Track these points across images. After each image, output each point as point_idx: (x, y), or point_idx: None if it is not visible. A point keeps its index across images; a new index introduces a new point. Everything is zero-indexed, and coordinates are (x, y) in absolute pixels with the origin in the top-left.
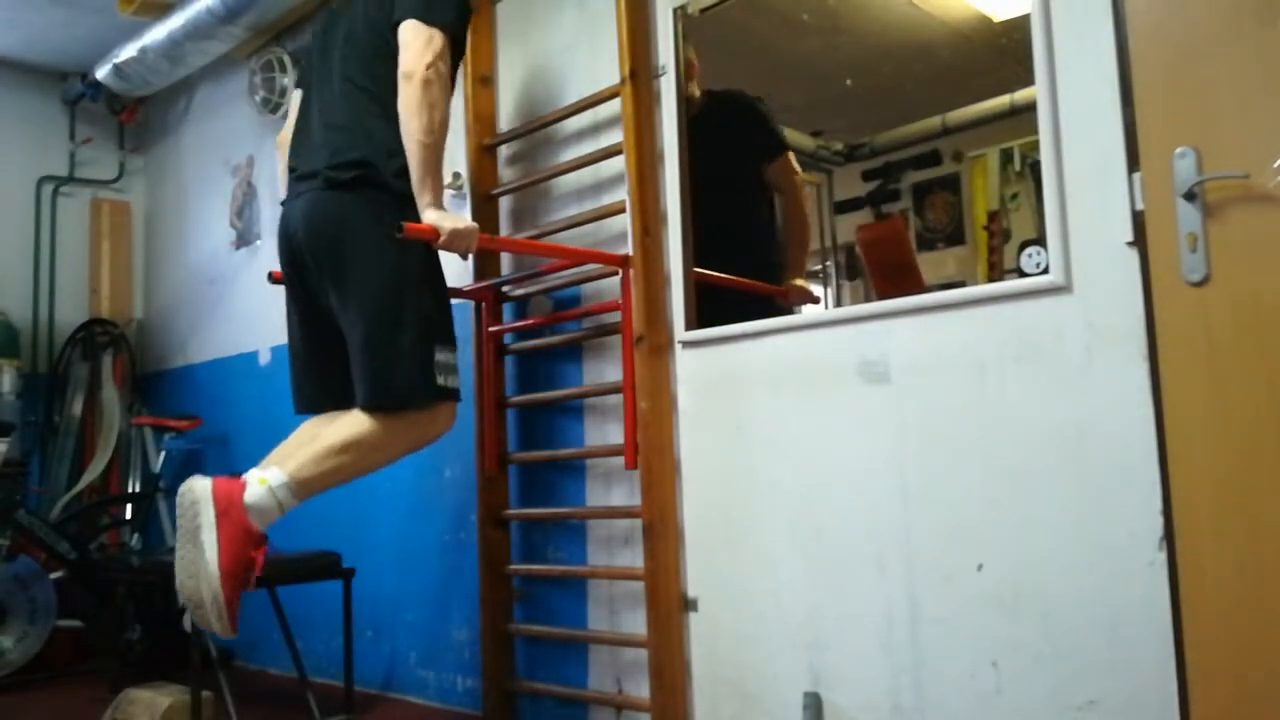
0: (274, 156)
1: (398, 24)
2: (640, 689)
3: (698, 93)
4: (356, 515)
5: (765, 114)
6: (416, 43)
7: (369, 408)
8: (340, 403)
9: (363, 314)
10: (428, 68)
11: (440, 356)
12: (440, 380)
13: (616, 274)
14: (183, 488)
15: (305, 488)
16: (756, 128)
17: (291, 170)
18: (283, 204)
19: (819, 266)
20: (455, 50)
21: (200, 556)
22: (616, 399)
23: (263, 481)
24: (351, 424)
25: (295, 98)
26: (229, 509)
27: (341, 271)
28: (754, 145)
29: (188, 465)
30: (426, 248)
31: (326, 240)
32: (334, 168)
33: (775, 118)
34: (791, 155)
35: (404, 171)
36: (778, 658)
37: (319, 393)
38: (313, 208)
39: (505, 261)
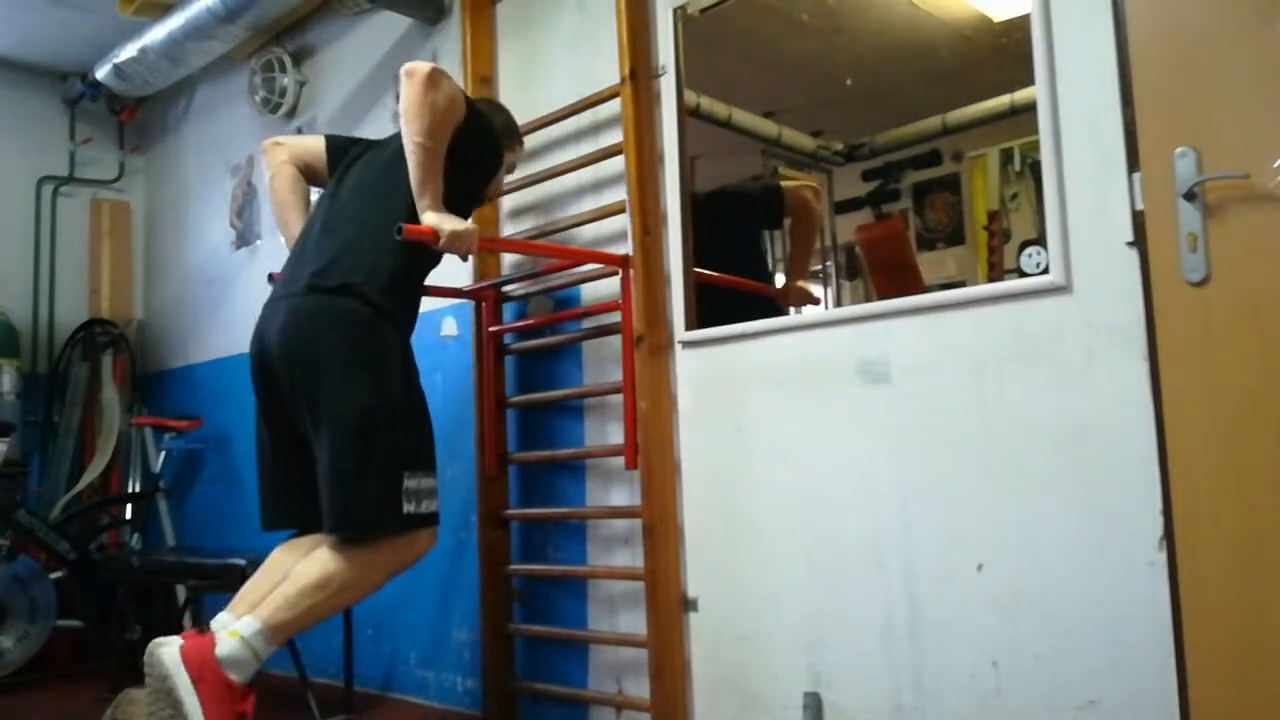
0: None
1: None
2: (640, 689)
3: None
4: None
5: (749, 193)
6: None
7: (335, 537)
8: (310, 521)
9: (331, 438)
10: (432, 68)
11: (410, 483)
12: (408, 508)
13: (616, 274)
14: (148, 657)
15: (281, 632)
16: (753, 208)
17: (285, 268)
18: (263, 308)
19: (819, 266)
20: (473, 145)
21: None
22: (616, 399)
23: (234, 634)
24: (324, 560)
25: (315, 139)
26: (203, 671)
27: (313, 389)
28: (756, 220)
29: (188, 465)
30: (404, 366)
31: (300, 357)
32: (318, 274)
33: (764, 183)
34: (790, 185)
35: (383, 283)
36: (778, 658)
37: (287, 509)
38: (289, 320)
39: (505, 261)
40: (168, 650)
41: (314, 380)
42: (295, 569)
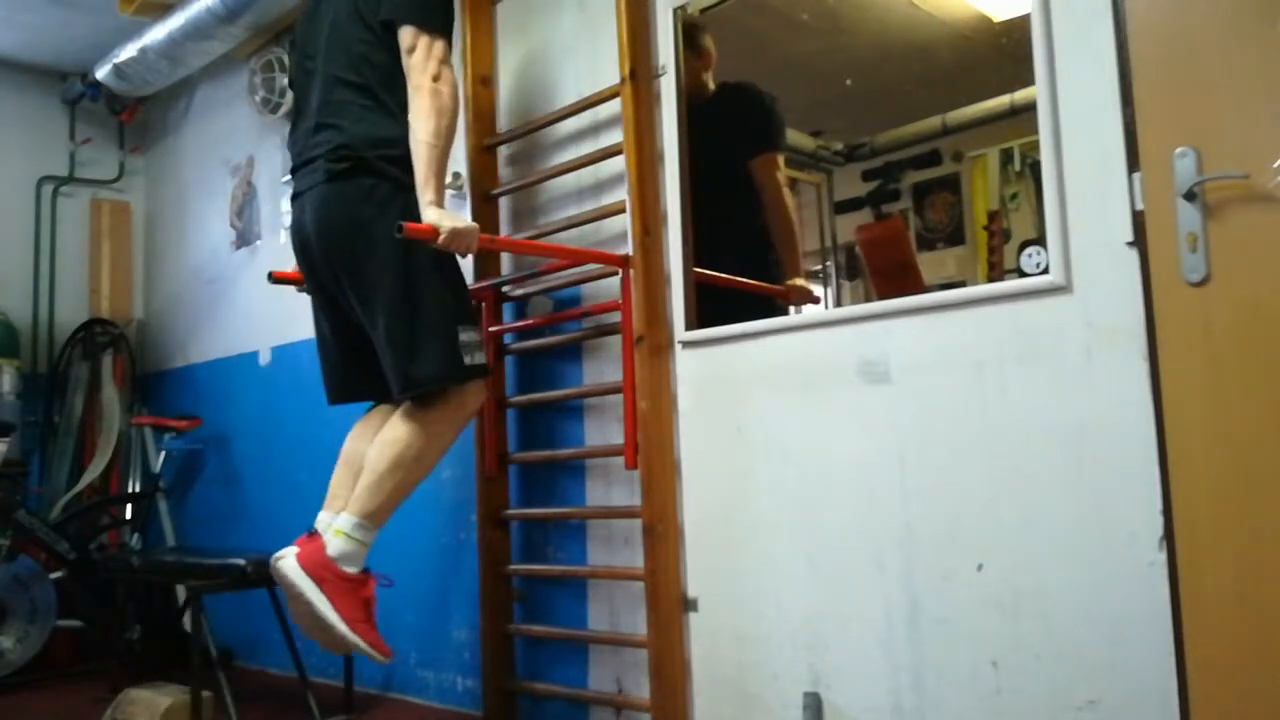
0: (274, 156)
1: (388, 23)
2: (640, 689)
3: (712, 85)
4: None
5: (765, 109)
6: (418, 55)
7: (405, 397)
8: (372, 391)
9: (382, 308)
10: (435, 79)
11: (464, 336)
12: (468, 359)
13: (616, 274)
14: (274, 569)
15: (378, 516)
16: (752, 121)
17: (292, 169)
18: (291, 200)
19: (819, 266)
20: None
21: (324, 621)
22: (616, 399)
23: (338, 532)
24: (391, 440)
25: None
26: (323, 573)
27: (355, 271)
28: (746, 139)
29: (188, 465)
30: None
31: (337, 242)
32: (332, 159)
33: (779, 116)
34: (779, 156)
35: (396, 160)
36: (778, 658)
37: (351, 382)
38: (320, 208)
39: (505, 261)
40: (286, 563)
41: (353, 261)
42: (369, 456)
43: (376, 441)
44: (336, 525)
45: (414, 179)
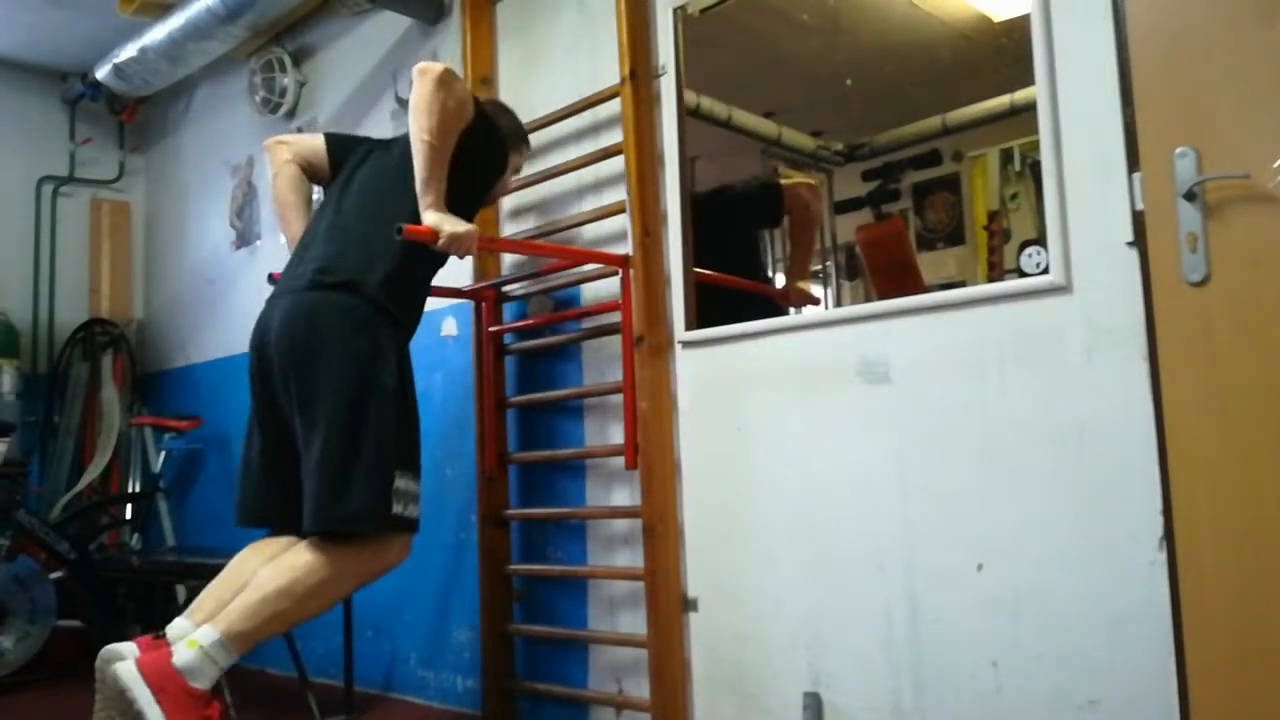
0: None
1: None
2: (640, 689)
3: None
4: None
5: (748, 193)
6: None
7: (314, 533)
8: (286, 522)
9: (321, 430)
10: (445, 69)
11: (400, 484)
12: (397, 509)
13: (616, 274)
14: (99, 671)
15: (241, 642)
16: (752, 208)
17: (288, 265)
18: (266, 301)
19: (819, 266)
20: (480, 148)
21: None
22: (616, 399)
23: (192, 644)
24: (292, 565)
25: (315, 138)
26: (164, 683)
27: (307, 383)
28: (753, 225)
29: (188, 465)
30: (400, 366)
31: (299, 346)
32: (322, 271)
33: (762, 181)
34: (788, 184)
35: (385, 282)
36: (778, 658)
37: (266, 507)
38: (292, 310)
39: (505, 261)
40: (124, 666)
41: (310, 373)
42: (259, 574)
43: (275, 562)
44: (194, 636)
45: (402, 310)
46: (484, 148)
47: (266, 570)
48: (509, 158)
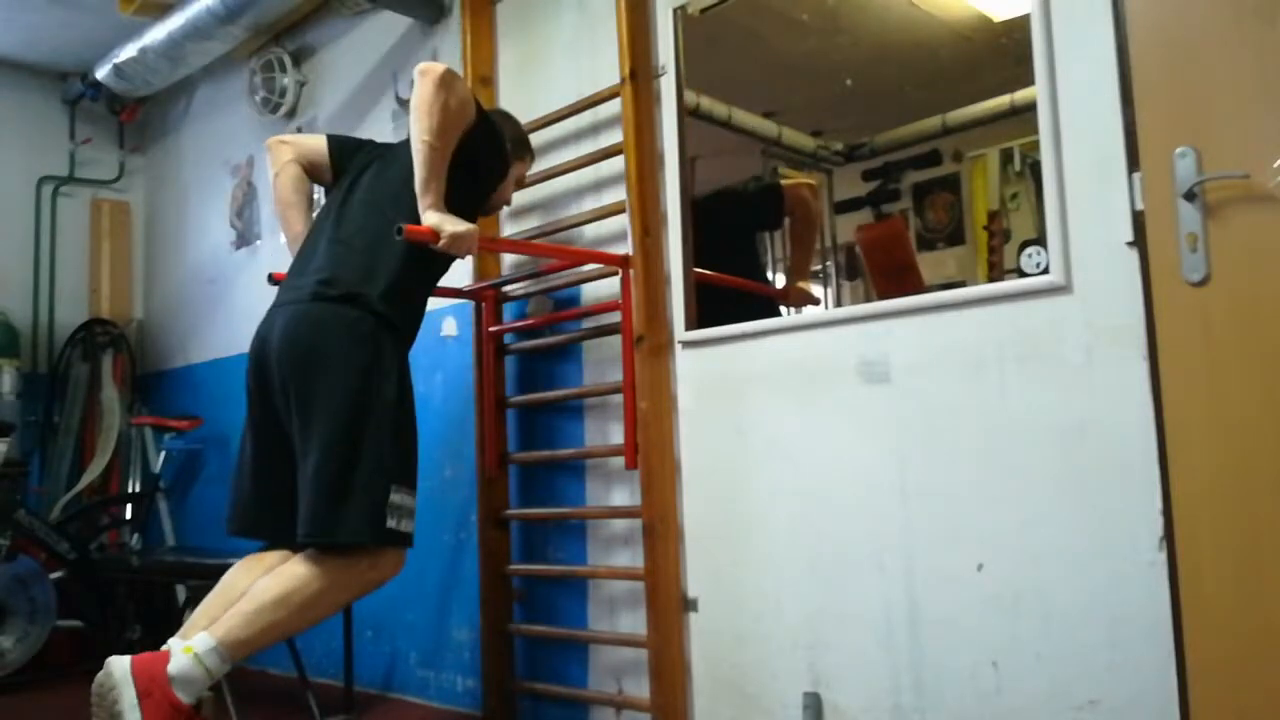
0: None
1: None
2: (640, 689)
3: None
4: None
5: (749, 194)
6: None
7: (308, 545)
8: (278, 533)
9: (319, 442)
10: (446, 70)
11: (395, 498)
12: (391, 523)
13: (616, 274)
14: (100, 674)
15: (237, 651)
16: (752, 209)
17: (289, 273)
18: (268, 310)
19: (819, 266)
20: (483, 154)
21: None
22: (616, 399)
23: (188, 650)
24: (287, 576)
25: (318, 138)
26: (151, 687)
27: (307, 394)
28: (753, 226)
29: (188, 465)
30: (400, 378)
31: (299, 355)
32: (325, 282)
33: (763, 183)
34: (789, 184)
35: (387, 292)
36: (778, 658)
37: (257, 517)
38: (293, 318)
39: (505, 261)
40: (118, 662)
41: (309, 385)
42: (256, 585)
43: (274, 573)
44: (190, 643)
45: (404, 319)
46: (485, 150)
47: (263, 581)
48: (511, 165)
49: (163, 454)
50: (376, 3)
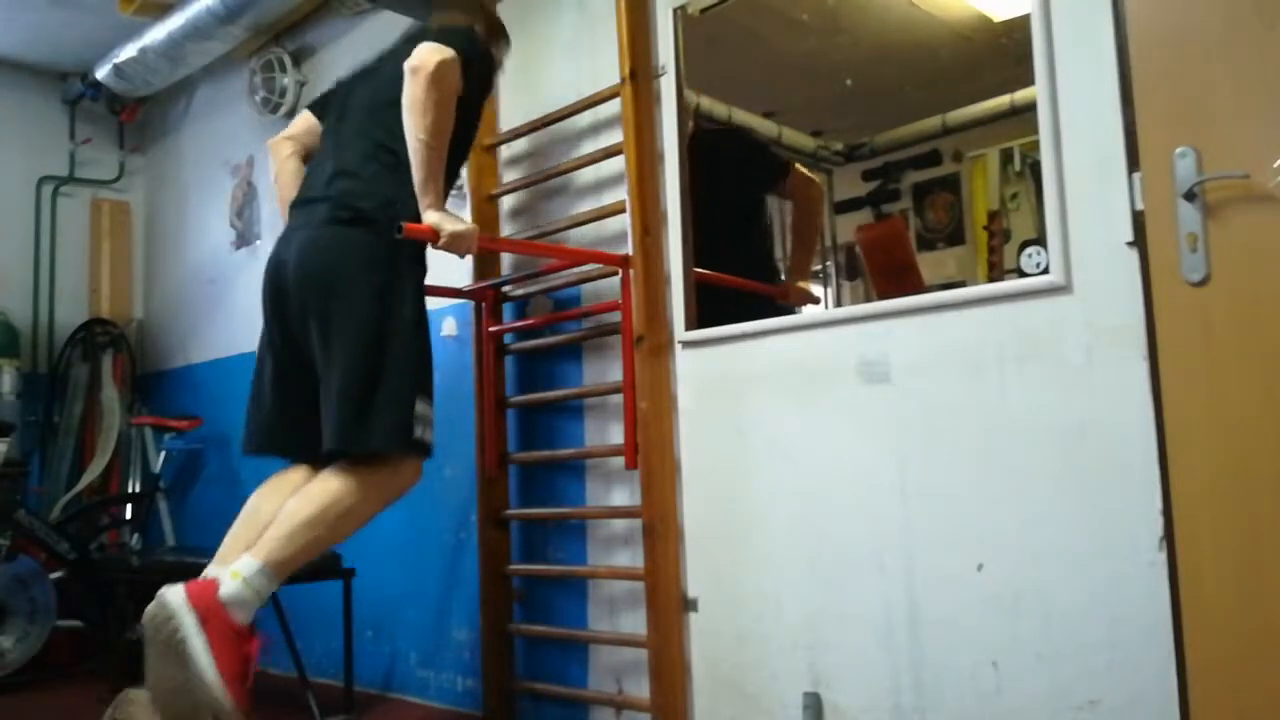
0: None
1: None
2: (640, 689)
3: (690, 126)
4: None
5: (762, 144)
6: (425, 48)
7: (336, 457)
8: (297, 446)
9: (342, 359)
10: (437, 65)
11: (419, 408)
12: (417, 432)
13: (616, 274)
14: (151, 606)
15: (282, 569)
16: (755, 161)
17: (297, 201)
18: (281, 235)
19: (819, 266)
20: (475, 84)
21: (191, 672)
22: (616, 399)
23: (235, 575)
24: (316, 494)
25: (301, 116)
26: (208, 613)
27: (328, 316)
28: (755, 179)
29: (188, 465)
30: (416, 299)
31: (317, 278)
32: (336, 207)
33: (767, 145)
34: (799, 166)
35: (401, 217)
36: (778, 658)
37: (275, 433)
38: (310, 243)
39: (505, 261)
40: (172, 591)
41: (330, 306)
42: (286, 507)
43: (302, 492)
44: (235, 568)
45: (416, 242)
46: (475, 90)
47: (292, 503)
48: (497, 69)
49: (163, 454)
50: (376, 3)
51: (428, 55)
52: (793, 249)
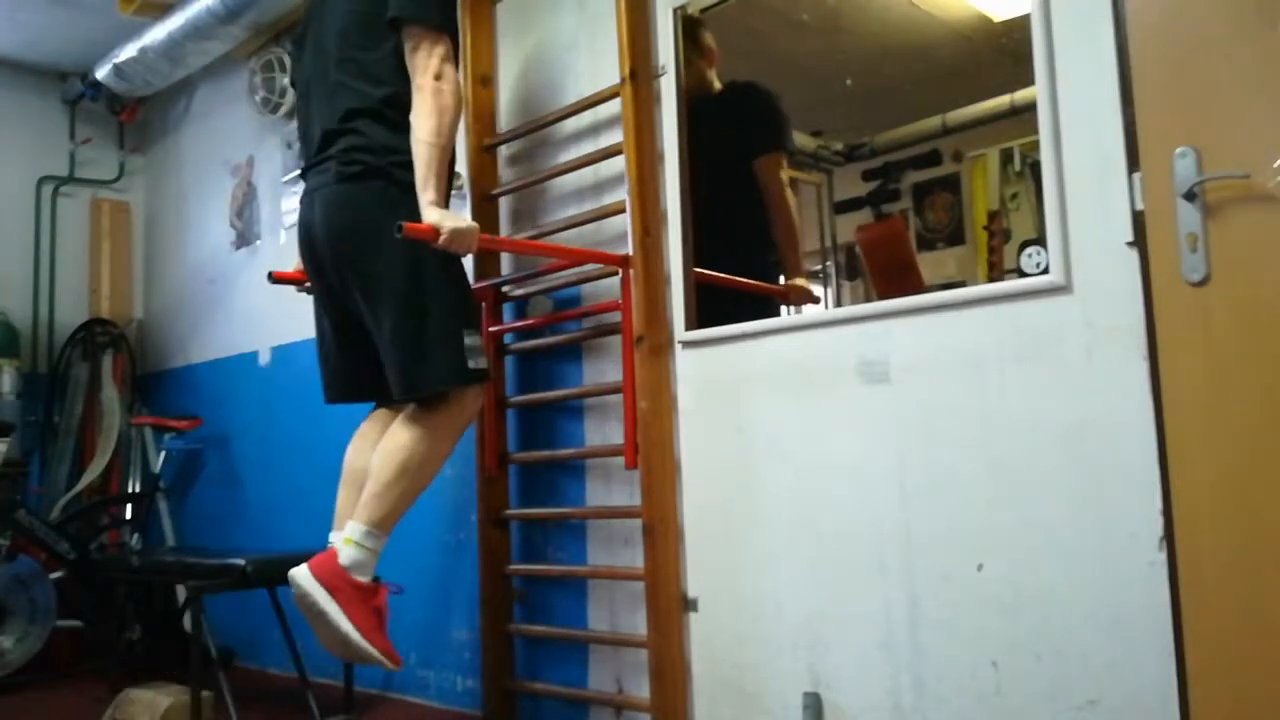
0: (274, 156)
1: (393, 20)
2: (640, 689)
3: (717, 83)
4: None
5: (769, 108)
6: (421, 54)
7: (407, 400)
8: (370, 391)
9: (388, 310)
10: (436, 78)
11: (469, 340)
12: (472, 363)
13: (616, 274)
14: (294, 589)
15: (386, 524)
16: (756, 120)
17: (303, 169)
18: (300, 197)
19: (819, 266)
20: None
21: (339, 632)
22: (616, 399)
23: (348, 541)
24: (395, 449)
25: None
26: (335, 582)
27: (363, 272)
28: (750, 138)
29: (188, 465)
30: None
31: (346, 242)
32: (342, 163)
33: (783, 115)
34: (783, 156)
35: (405, 165)
36: (778, 658)
37: (349, 382)
38: (329, 207)
39: (505, 261)
40: (300, 573)
41: (361, 260)
42: (373, 465)
43: (379, 450)
44: (346, 534)
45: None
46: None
47: (377, 459)
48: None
49: (163, 454)
50: None
51: (425, 69)
52: (781, 244)
